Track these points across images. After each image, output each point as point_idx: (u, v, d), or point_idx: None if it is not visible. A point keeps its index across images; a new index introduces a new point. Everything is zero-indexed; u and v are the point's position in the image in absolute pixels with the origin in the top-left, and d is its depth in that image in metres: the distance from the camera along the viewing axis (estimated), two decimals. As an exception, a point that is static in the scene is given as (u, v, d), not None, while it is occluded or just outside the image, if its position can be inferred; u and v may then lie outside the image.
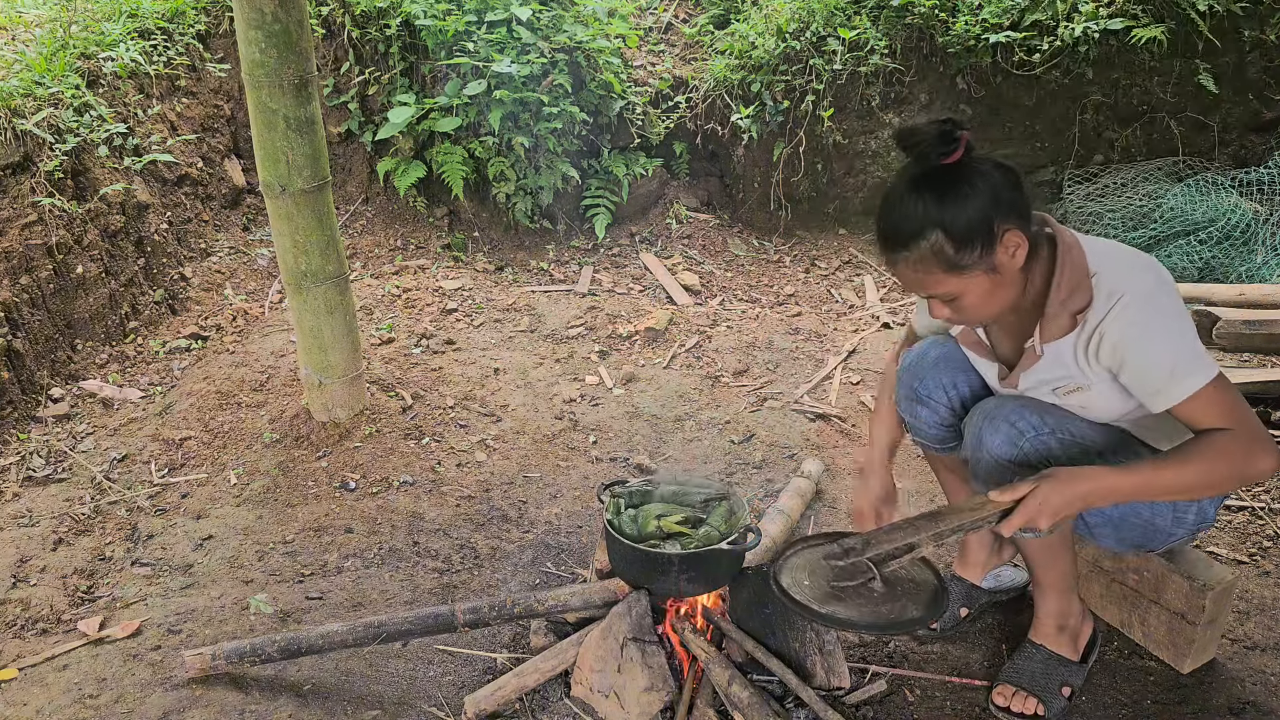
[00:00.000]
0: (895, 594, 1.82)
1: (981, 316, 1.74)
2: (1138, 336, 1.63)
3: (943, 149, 1.58)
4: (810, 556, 1.95)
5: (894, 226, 1.65)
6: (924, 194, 1.61)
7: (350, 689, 2.13)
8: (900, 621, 1.76)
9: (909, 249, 1.63)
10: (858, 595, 1.81)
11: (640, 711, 1.95)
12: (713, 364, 3.66)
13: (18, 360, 3.26)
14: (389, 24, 4.41)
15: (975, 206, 1.59)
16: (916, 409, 2.06)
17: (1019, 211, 1.64)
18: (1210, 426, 1.62)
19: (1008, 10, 4.48)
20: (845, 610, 1.77)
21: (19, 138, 3.39)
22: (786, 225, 4.89)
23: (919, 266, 1.64)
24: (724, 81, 4.74)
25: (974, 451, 1.86)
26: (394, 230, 4.68)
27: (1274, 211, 4.10)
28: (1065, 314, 1.71)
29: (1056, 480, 1.62)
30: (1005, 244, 1.63)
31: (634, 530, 2.09)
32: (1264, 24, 4.38)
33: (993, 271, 1.64)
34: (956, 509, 1.69)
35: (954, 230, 1.60)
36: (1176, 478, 1.61)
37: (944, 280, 1.65)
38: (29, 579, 2.52)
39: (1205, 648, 2.09)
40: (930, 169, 1.61)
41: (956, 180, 1.60)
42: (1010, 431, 1.78)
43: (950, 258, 1.61)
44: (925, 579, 1.88)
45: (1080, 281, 1.68)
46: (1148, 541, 1.90)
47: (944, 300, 1.70)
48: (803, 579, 1.87)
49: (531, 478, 2.98)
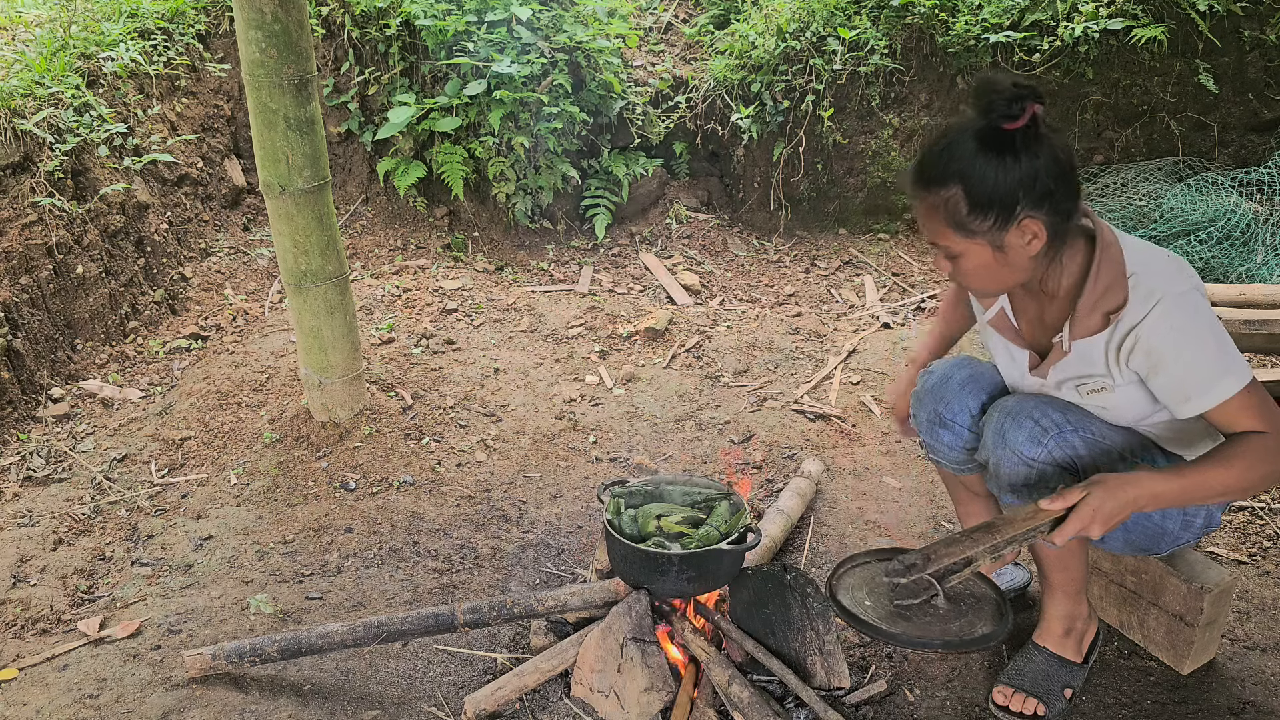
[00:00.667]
0: (960, 610, 1.80)
1: (978, 286, 1.75)
2: (1176, 343, 1.62)
3: (1005, 112, 1.56)
4: (865, 575, 1.92)
5: (925, 163, 1.65)
6: (965, 146, 1.60)
7: (350, 689, 2.13)
8: (973, 639, 1.74)
9: (929, 190, 1.64)
10: (923, 613, 1.78)
11: (640, 711, 1.95)
12: (713, 364, 3.66)
13: (18, 360, 3.26)
14: (389, 24, 4.41)
15: (1006, 181, 1.58)
16: (939, 432, 2.03)
17: (1054, 204, 1.61)
18: (1245, 429, 1.62)
19: (1008, 10, 4.48)
20: (915, 629, 1.75)
21: (19, 138, 3.39)
22: (786, 225, 4.89)
23: (931, 211, 1.65)
24: (724, 81, 4.74)
25: (995, 449, 1.83)
26: (394, 230, 4.68)
27: (1274, 211, 4.10)
28: (1098, 313, 1.69)
29: (1106, 487, 1.59)
30: (1021, 229, 1.62)
31: (634, 530, 2.09)
32: (1264, 24, 4.37)
33: (998, 249, 1.64)
34: (1009, 520, 1.66)
35: (973, 193, 1.59)
36: (1220, 481, 1.60)
37: (947, 234, 1.65)
38: (29, 579, 2.52)
39: (1205, 649, 2.09)
40: (986, 126, 1.59)
41: (1003, 148, 1.58)
42: (1034, 429, 1.77)
43: (960, 217, 1.61)
44: (984, 593, 1.86)
45: (1116, 281, 1.67)
46: (1154, 545, 1.89)
47: (945, 255, 1.70)
48: (863, 599, 1.84)
49: (531, 478, 2.98)
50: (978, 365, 2.02)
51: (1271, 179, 4.18)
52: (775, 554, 2.49)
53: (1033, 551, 2.00)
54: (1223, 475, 1.60)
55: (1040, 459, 1.76)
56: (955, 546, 1.64)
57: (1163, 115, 4.54)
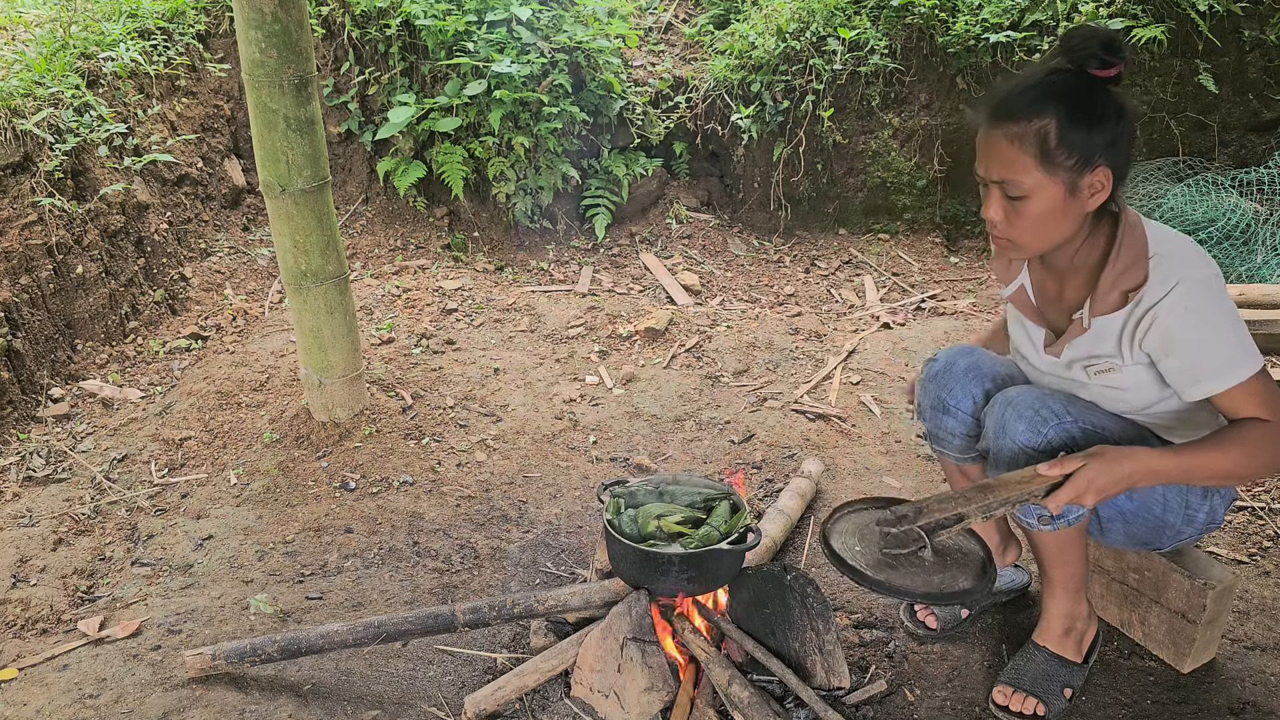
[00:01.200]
0: (945, 564, 1.83)
1: (1029, 235, 1.70)
2: (1192, 325, 1.63)
3: (1103, 58, 1.57)
4: (859, 521, 1.95)
5: (1015, 94, 1.63)
6: (1061, 84, 1.60)
7: (350, 689, 2.13)
8: (953, 592, 1.77)
9: (1018, 121, 1.61)
10: (909, 564, 1.81)
11: (640, 711, 1.95)
12: (713, 364, 3.66)
13: (18, 360, 3.26)
14: (389, 24, 4.41)
15: (1096, 125, 1.59)
16: (942, 419, 2.04)
17: (1121, 161, 1.64)
18: (1249, 415, 1.64)
19: (1008, 10, 4.48)
20: (898, 578, 1.78)
21: (19, 138, 3.39)
22: (786, 225, 4.89)
23: (1016, 141, 1.62)
24: (724, 81, 4.75)
25: (996, 439, 1.85)
26: (394, 230, 4.67)
27: (1274, 211, 4.10)
28: (1117, 290, 1.70)
29: (1104, 459, 1.62)
30: (1095, 176, 1.62)
31: (634, 530, 2.09)
32: (1264, 24, 4.37)
33: (1072, 192, 1.63)
34: (1005, 482, 1.69)
35: (1068, 127, 1.58)
36: (1218, 462, 1.62)
37: (1028, 169, 1.62)
38: (29, 579, 2.52)
39: (1206, 647, 2.09)
40: (1080, 72, 1.60)
41: (1093, 94, 1.59)
42: (1034, 419, 1.78)
43: (1049, 149, 1.60)
44: (972, 549, 1.89)
45: (1138, 259, 1.68)
46: (1156, 539, 1.90)
47: (1010, 196, 1.66)
48: (853, 544, 1.87)
49: (531, 478, 2.98)
50: (981, 354, 2.03)
51: (1271, 179, 4.18)
52: (775, 554, 2.49)
53: (1033, 548, 2.00)
54: (1221, 458, 1.62)
55: (1040, 448, 1.77)
56: (949, 502, 1.68)
57: (1163, 115, 4.54)
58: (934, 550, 1.79)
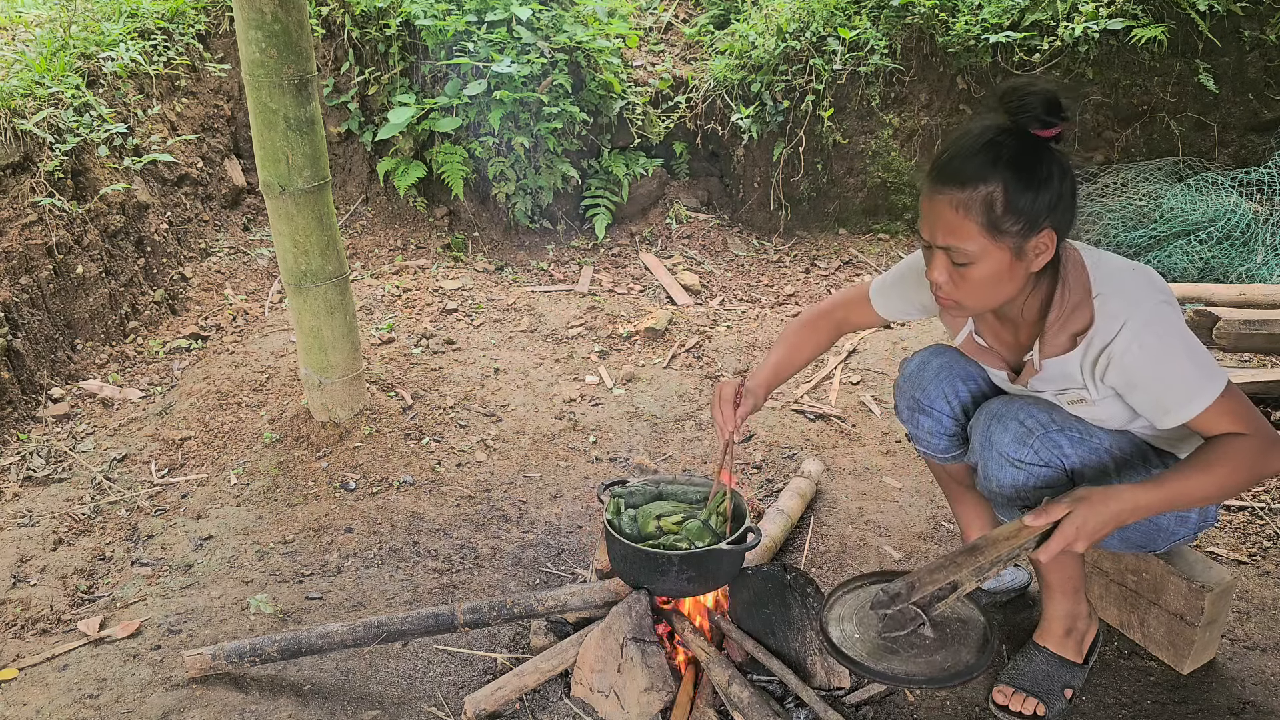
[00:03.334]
0: (946, 638, 1.80)
1: (974, 298, 1.69)
2: (1149, 361, 1.62)
3: (1045, 119, 1.57)
4: (857, 601, 1.93)
5: (960, 161, 1.60)
6: (1005, 148, 1.58)
7: (350, 689, 2.13)
8: (958, 672, 1.74)
9: (963, 188, 1.59)
10: (910, 645, 1.79)
11: (640, 711, 1.95)
12: (713, 364, 3.66)
13: (18, 360, 3.26)
14: (389, 24, 4.41)
15: (1042, 188, 1.58)
16: (919, 418, 2.05)
17: (1065, 223, 1.63)
18: (1224, 432, 1.63)
19: (1008, 10, 4.47)
20: (901, 665, 1.76)
21: (19, 138, 3.39)
22: (786, 225, 4.89)
23: (961, 209, 1.59)
24: (724, 81, 4.74)
25: (983, 451, 1.85)
26: (394, 230, 4.67)
27: (1274, 211, 4.10)
28: (1064, 334, 1.70)
29: (1091, 503, 1.60)
30: (1039, 240, 1.62)
31: (634, 530, 2.09)
32: (1264, 24, 4.37)
33: (1018, 256, 1.62)
34: (993, 540, 1.66)
35: (1014, 195, 1.57)
36: (1201, 487, 1.61)
37: (974, 236, 1.60)
38: (29, 579, 2.52)
39: (1205, 648, 2.09)
40: (1021, 132, 1.59)
41: (1037, 157, 1.58)
42: (1019, 429, 1.78)
43: (995, 217, 1.58)
44: (971, 616, 1.87)
45: (1081, 301, 1.68)
46: (1150, 542, 1.90)
47: (955, 261, 1.64)
48: (852, 632, 1.85)
49: (531, 478, 2.98)
50: (953, 353, 2.04)
51: (1271, 179, 4.18)
52: (775, 554, 2.49)
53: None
54: (1204, 481, 1.61)
55: (1027, 459, 1.78)
56: (940, 572, 1.64)
57: (1163, 115, 4.54)
58: (932, 625, 1.77)
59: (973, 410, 2.00)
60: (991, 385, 2.01)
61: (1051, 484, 1.79)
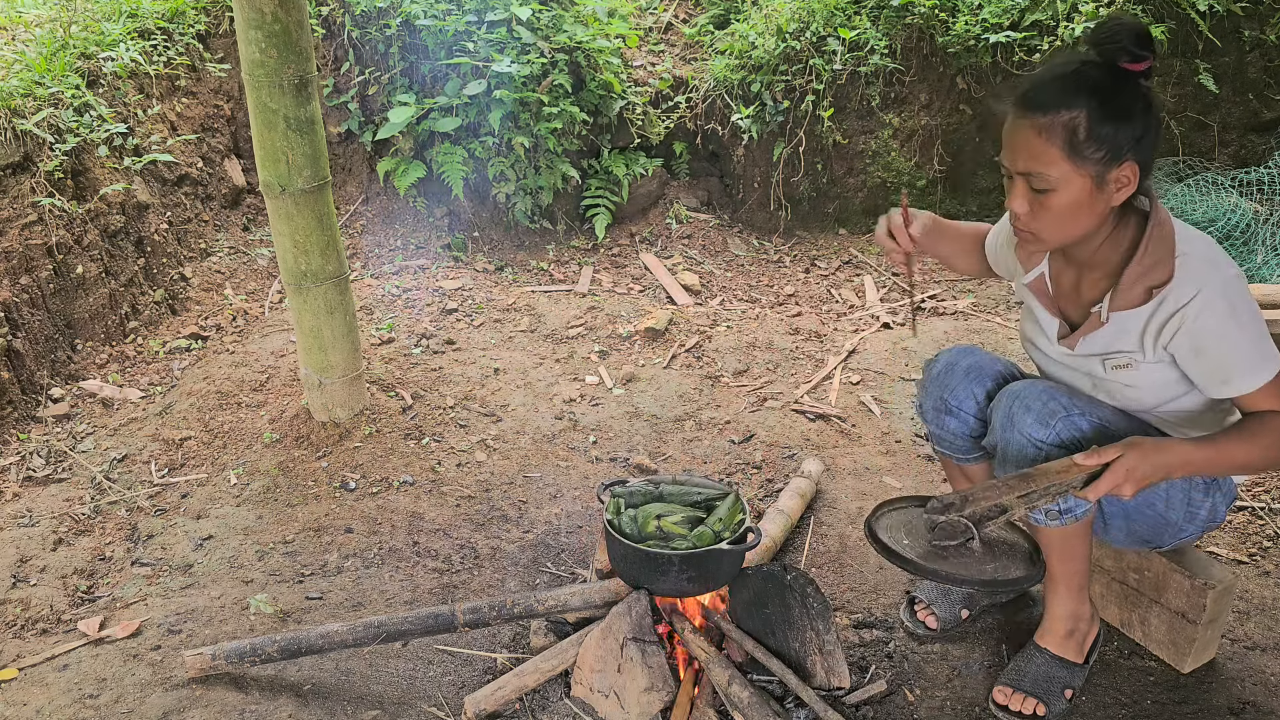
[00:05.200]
0: (994, 554, 1.84)
1: (1053, 228, 1.69)
2: (1221, 329, 1.64)
3: (1134, 52, 1.57)
4: (902, 517, 1.95)
5: (1046, 86, 1.61)
6: (1089, 77, 1.59)
7: (350, 689, 2.13)
8: (1009, 580, 1.78)
9: (1046, 112, 1.60)
10: (959, 554, 1.82)
11: (640, 711, 1.95)
12: (713, 364, 3.66)
13: (18, 360, 3.26)
14: (389, 24, 4.41)
15: (1125, 119, 1.58)
16: (945, 419, 2.05)
17: (1147, 155, 1.64)
18: (1266, 409, 1.68)
19: (1008, 10, 4.47)
20: (952, 567, 1.79)
21: (19, 138, 3.39)
22: (786, 225, 4.89)
23: (1045, 133, 1.60)
24: (724, 81, 4.74)
25: (1004, 432, 1.85)
26: (394, 230, 4.67)
27: (1274, 211, 4.10)
28: (1141, 286, 1.70)
29: (1142, 449, 1.63)
30: (1122, 170, 1.62)
31: (634, 530, 2.09)
32: (1264, 24, 4.37)
33: (1099, 185, 1.62)
34: (1044, 471, 1.70)
35: (1098, 121, 1.58)
36: (1244, 454, 1.67)
37: (1057, 161, 1.60)
38: (29, 579, 2.52)
39: (1206, 647, 2.09)
40: (1109, 64, 1.59)
41: (1122, 87, 1.59)
42: (1042, 411, 1.78)
43: (1078, 141, 1.59)
44: (1016, 541, 1.90)
45: (1164, 257, 1.68)
46: (1157, 537, 1.90)
47: (1035, 188, 1.65)
48: (901, 537, 1.87)
49: (531, 478, 2.98)
50: (982, 354, 2.04)
51: (1271, 179, 4.18)
52: (775, 554, 2.49)
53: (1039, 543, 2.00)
54: (1247, 449, 1.66)
55: (1048, 440, 1.78)
56: (991, 491, 1.70)
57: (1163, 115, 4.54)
58: (981, 541, 1.80)
59: None
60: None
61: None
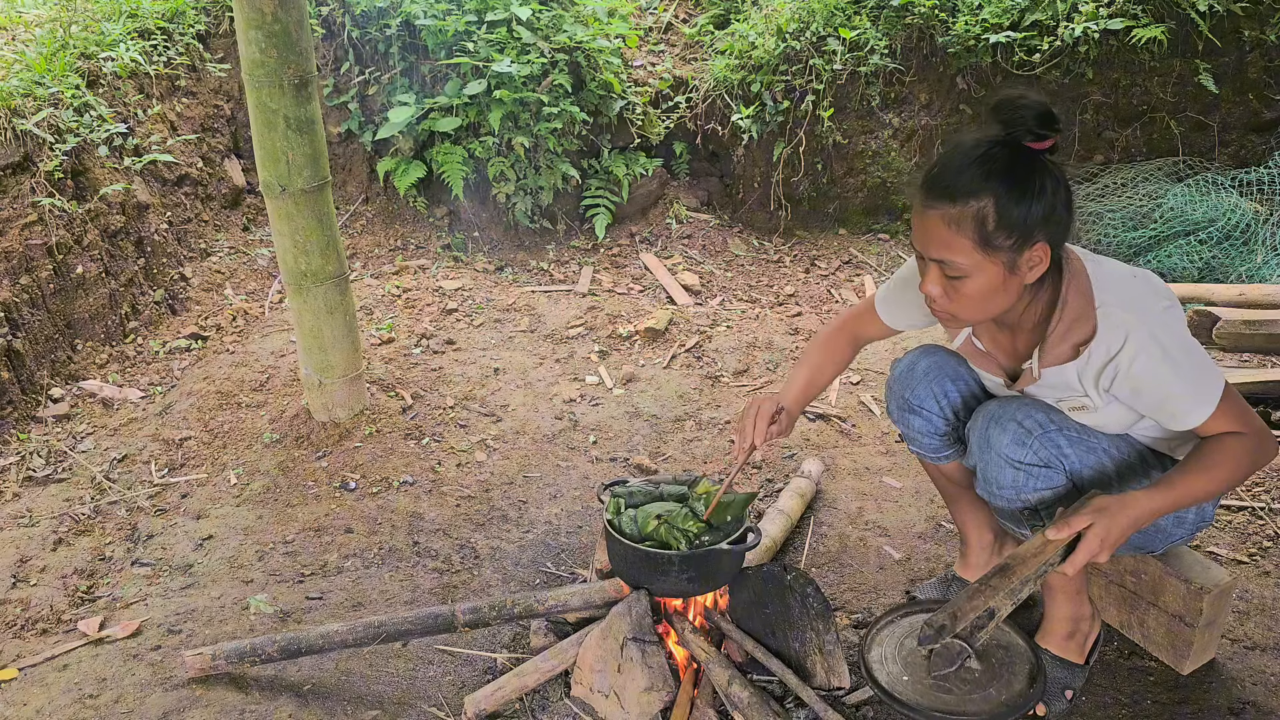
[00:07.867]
0: (994, 669, 1.79)
1: (969, 310, 1.68)
2: (1156, 371, 1.63)
3: (1038, 132, 1.55)
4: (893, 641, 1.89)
5: (951, 176, 1.59)
6: (997, 161, 1.57)
7: (350, 689, 2.13)
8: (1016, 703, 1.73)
9: (954, 203, 1.57)
10: (960, 681, 1.76)
11: (640, 711, 1.95)
12: (713, 364, 3.66)
13: (18, 360, 3.26)
14: (389, 24, 4.41)
15: (1033, 201, 1.57)
16: (909, 418, 2.06)
17: (1059, 234, 1.63)
18: (1222, 432, 1.66)
19: (1008, 10, 4.47)
20: (958, 702, 1.73)
21: (19, 138, 3.39)
22: (786, 225, 4.89)
23: (953, 225, 1.58)
24: (724, 81, 4.74)
25: (981, 454, 1.85)
26: (394, 230, 4.67)
27: (1274, 211, 4.10)
28: (1067, 344, 1.70)
29: (1109, 513, 1.61)
30: (1032, 253, 1.60)
31: (634, 530, 2.09)
32: (1264, 24, 4.37)
33: (1011, 270, 1.61)
34: (1021, 558, 1.66)
35: (1005, 209, 1.56)
36: (1205, 485, 1.65)
37: (967, 251, 1.59)
38: (29, 579, 2.52)
39: (1204, 649, 2.09)
40: (1014, 145, 1.58)
41: (1030, 169, 1.57)
42: (1018, 430, 1.78)
43: (988, 232, 1.57)
44: (1012, 642, 1.86)
45: (1084, 311, 1.67)
46: (1149, 544, 1.90)
47: (948, 275, 1.64)
48: (899, 674, 1.81)
49: (531, 478, 2.98)
50: (942, 353, 2.05)
51: (1271, 179, 4.18)
52: (775, 554, 2.49)
53: None
54: (1206, 480, 1.65)
55: (1027, 460, 1.78)
56: (977, 598, 1.63)
57: (1163, 115, 4.54)
58: (977, 656, 1.73)
59: (963, 410, 2.01)
60: (982, 385, 2.02)
61: (1051, 485, 1.79)
